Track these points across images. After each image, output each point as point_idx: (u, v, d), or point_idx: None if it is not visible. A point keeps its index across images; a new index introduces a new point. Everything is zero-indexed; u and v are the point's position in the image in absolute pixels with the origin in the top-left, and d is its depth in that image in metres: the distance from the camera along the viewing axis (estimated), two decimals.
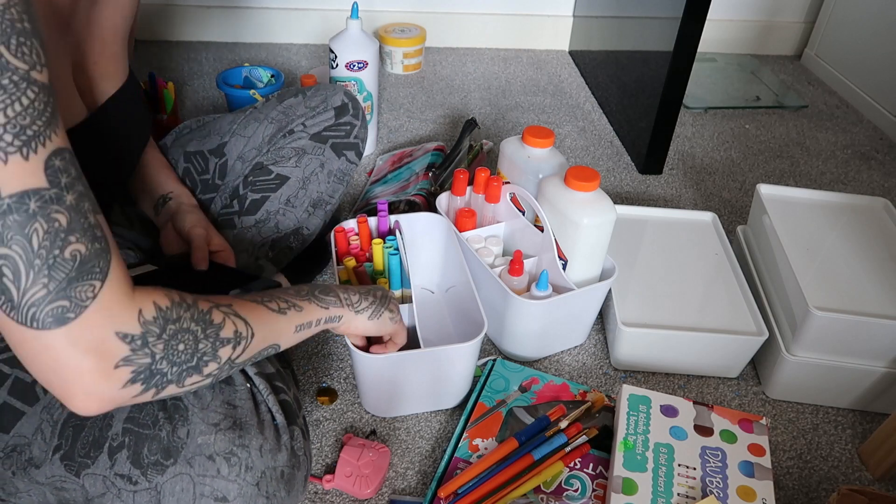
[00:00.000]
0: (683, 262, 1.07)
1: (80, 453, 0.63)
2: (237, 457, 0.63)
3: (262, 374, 0.70)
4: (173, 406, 0.64)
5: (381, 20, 1.85)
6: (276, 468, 0.65)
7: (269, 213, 0.91)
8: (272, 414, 0.69)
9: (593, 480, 0.80)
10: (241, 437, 0.64)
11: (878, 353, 0.90)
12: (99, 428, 0.64)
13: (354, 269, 0.90)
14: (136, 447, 0.63)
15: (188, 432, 0.63)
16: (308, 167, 0.92)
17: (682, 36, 1.25)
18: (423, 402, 0.89)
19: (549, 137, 1.03)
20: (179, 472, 0.62)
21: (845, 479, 0.87)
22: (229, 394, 0.67)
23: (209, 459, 0.62)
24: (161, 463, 0.62)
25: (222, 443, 0.63)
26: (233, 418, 0.65)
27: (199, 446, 0.63)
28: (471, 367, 0.87)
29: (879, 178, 1.49)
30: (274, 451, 0.66)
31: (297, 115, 0.93)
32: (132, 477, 0.62)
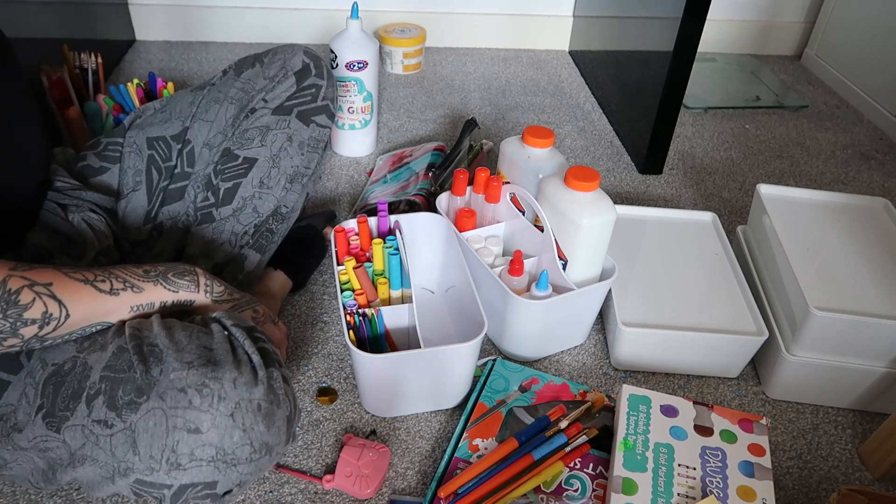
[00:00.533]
0: (683, 262, 1.07)
1: (60, 407, 0.63)
2: (209, 388, 0.62)
3: (238, 325, 0.69)
4: (149, 350, 0.64)
5: (381, 20, 1.85)
6: (251, 400, 0.63)
7: (244, 199, 0.89)
8: (249, 356, 0.67)
9: (593, 480, 0.80)
10: (213, 370, 0.63)
11: (878, 353, 0.90)
12: (78, 380, 0.64)
13: (354, 269, 0.90)
14: (112, 391, 0.63)
15: (161, 371, 0.62)
16: (275, 143, 0.89)
17: (682, 36, 1.25)
18: (422, 402, 0.89)
19: (549, 137, 1.03)
20: (152, 408, 0.61)
21: (845, 479, 0.87)
22: (205, 339, 0.66)
23: (181, 392, 0.61)
24: (134, 402, 0.62)
25: (194, 376, 0.62)
26: (206, 357, 0.64)
27: (170, 381, 0.62)
28: (471, 367, 0.87)
29: (879, 178, 1.49)
30: (249, 385, 0.64)
31: (256, 89, 0.90)
32: (108, 421, 0.62)
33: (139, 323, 0.68)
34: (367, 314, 0.88)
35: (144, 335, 0.66)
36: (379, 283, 0.91)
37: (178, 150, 0.89)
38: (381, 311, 0.89)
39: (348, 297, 0.90)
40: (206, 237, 0.89)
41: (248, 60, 0.92)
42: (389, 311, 0.90)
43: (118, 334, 0.67)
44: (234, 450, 0.62)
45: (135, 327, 0.67)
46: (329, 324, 1.03)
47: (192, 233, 0.90)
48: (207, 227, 0.89)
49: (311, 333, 1.01)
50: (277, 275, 1.02)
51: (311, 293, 1.08)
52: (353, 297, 0.90)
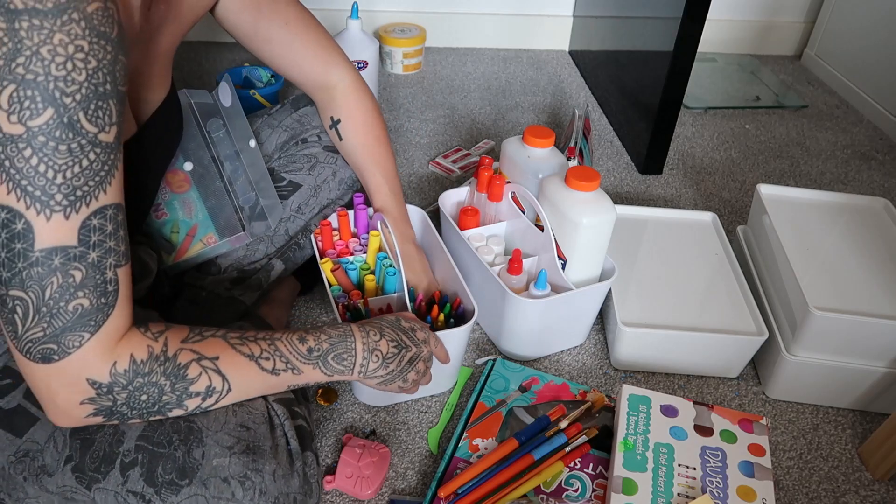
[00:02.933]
0: (683, 262, 1.07)
1: (91, 467, 0.62)
2: (251, 481, 0.63)
3: (281, 400, 0.70)
4: (187, 428, 0.64)
5: (381, 20, 1.85)
6: (288, 494, 0.65)
7: (279, 220, 0.91)
8: (287, 438, 0.68)
9: (593, 480, 0.80)
10: (254, 461, 0.64)
11: (878, 353, 0.90)
12: (109, 443, 0.63)
13: (332, 271, 0.91)
14: (150, 465, 0.62)
15: (203, 454, 0.63)
16: (320, 175, 0.93)
17: (682, 36, 1.25)
18: None
19: (550, 137, 1.03)
20: (194, 493, 0.62)
21: (845, 479, 0.87)
22: (243, 416, 0.67)
23: (224, 482, 0.62)
24: (176, 483, 0.62)
25: (237, 466, 0.63)
26: (247, 441, 0.65)
27: (214, 468, 0.62)
28: (461, 353, 0.88)
29: (879, 178, 1.49)
30: (287, 477, 0.65)
31: (312, 125, 0.93)
32: (145, 495, 0.62)
33: None
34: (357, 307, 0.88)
35: None
36: (366, 280, 0.91)
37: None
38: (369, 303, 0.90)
39: (337, 291, 0.90)
40: (237, 253, 0.90)
41: (306, 99, 0.95)
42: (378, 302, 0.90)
43: None
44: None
45: None
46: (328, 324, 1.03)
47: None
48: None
49: None
50: (286, 279, 1.02)
51: (311, 293, 1.08)
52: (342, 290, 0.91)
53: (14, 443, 0.64)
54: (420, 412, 0.91)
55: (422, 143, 1.49)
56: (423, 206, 1.27)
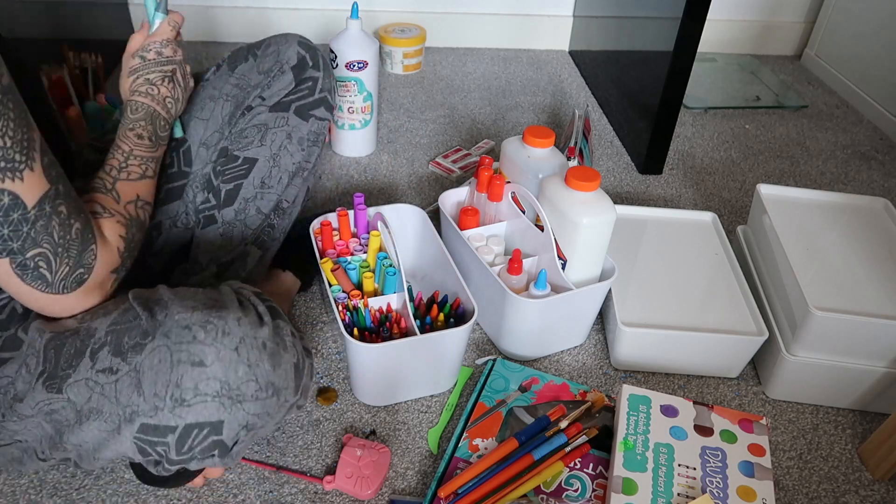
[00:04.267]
0: (683, 262, 1.07)
1: (63, 367, 0.63)
2: (213, 324, 0.61)
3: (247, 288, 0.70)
4: (154, 302, 0.65)
5: (381, 20, 1.85)
6: (256, 337, 0.63)
7: (245, 200, 0.88)
8: (255, 307, 0.67)
9: (593, 480, 0.80)
10: (218, 311, 0.63)
11: (878, 353, 0.90)
12: (81, 339, 0.64)
13: (332, 270, 0.91)
14: (118, 340, 0.63)
15: (167, 315, 0.63)
16: (274, 142, 0.88)
17: (682, 36, 1.25)
18: (416, 388, 0.90)
19: (550, 137, 1.03)
20: (157, 346, 0.61)
21: (845, 479, 0.87)
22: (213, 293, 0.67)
23: (185, 329, 0.61)
24: (140, 343, 0.62)
25: (199, 315, 0.62)
26: (212, 301, 0.65)
27: (175, 321, 0.62)
28: (461, 352, 0.88)
29: (879, 178, 1.49)
30: (254, 325, 0.63)
31: (251, 85, 0.88)
32: (113, 367, 0.62)
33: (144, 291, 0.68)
34: (357, 307, 0.88)
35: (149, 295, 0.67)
36: (365, 278, 0.91)
37: (173, 149, 0.88)
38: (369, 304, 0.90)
39: (337, 291, 0.90)
40: (214, 242, 0.88)
41: (241, 53, 0.90)
42: (377, 301, 0.91)
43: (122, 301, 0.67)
44: (238, 385, 0.61)
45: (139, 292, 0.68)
46: (328, 324, 1.03)
47: (199, 237, 0.89)
48: (214, 231, 0.89)
49: (311, 334, 1.01)
50: (286, 276, 1.02)
51: (311, 293, 1.08)
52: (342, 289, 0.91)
53: None
54: (420, 412, 0.91)
55: (422, 143, 1.49)
56: (423, 206, 1.27)
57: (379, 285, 0.93)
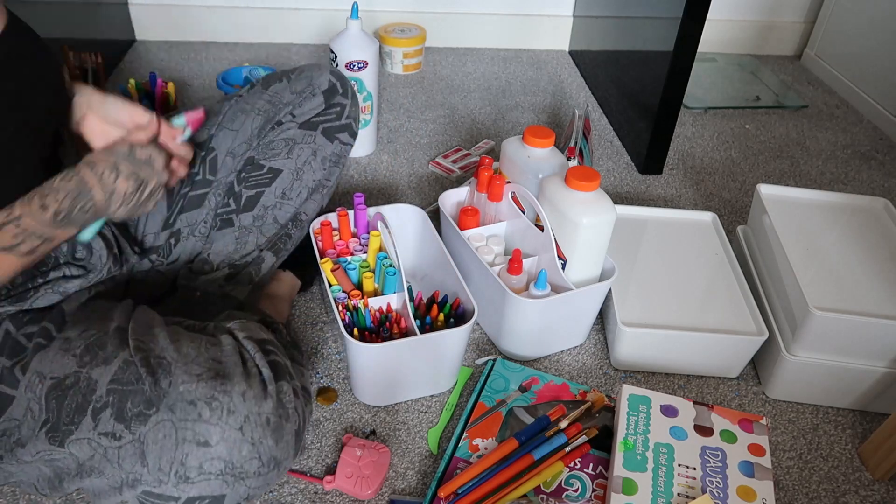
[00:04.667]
0: (683, 262, 1.07)
1: (65, 421, 0.63)
2: (218, 401, 0.62)
3: (250, 338, 0.70)
4: (157, 362, 0.64)
5: (381, 20, 1.85)
6: (260, 414, 0.63)
7: (265, 208, 0.90)
8: (259, 369, 0.67)
9: (593, 480, 0.80)
10: (223, 383, 0.63)
11: (878, 353, 0.90)
12: (82, 394, 0.64)
13: (332, 270, 0.91)
14: (120, 403, 0.62)
15: (170, 383, 0.63)
16: (300, 157, 0.91)
17: (682, 36, 1.25)
18: (416, 388, 0.90)
19: (550, 137, 1.03)
20: (161, 420, 0.61)
21: (845, 479, 0.87)
22: (215, 352, 0.67)
23: (190, 404, 0.62)
24: (144, 413, 0.62)
25: (204, 389, 0.62)
26: (216, 370, 0.64)
27: (180, 393, 0.62)
28: (461, 352, 0.88)
29: (879, 178, 1.49)
30: (259, 399, 0.64)
31: (283, 103, 0.91)
32: (116, 433, 0.62)
33: (144, 335, 0.68)
34: (357, 307, 0.88)
35: (150, 347, 0.66)
36: (365, 278, 0.92)
37: (201, 157, 0.90)
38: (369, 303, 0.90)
39: (337, 291, 0.90)
40: (228, 245, 0.90)
41: (276, 76, 0.94)
42: (377, 301, 0.91)
43: (121, 348, 0.66)
44: (242, 464, 0.62)
45: (139, 339, 0.67)
46: (328, 324, 1.03)
47: (212, 240, 0.90)
48: (230, 234, 0.90)
49: (311, 334, 1.01)
50: (286, 275, 1.02)
51: (311, 293, 1.08)
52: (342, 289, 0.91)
53: None
54: (420, 412, 0.91)
55: (422, 143, 1.49)
56: (423, 206, 1.27)
57: (379, 285, 0.93)
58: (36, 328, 0.69)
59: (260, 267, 0.92)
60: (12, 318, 0.69)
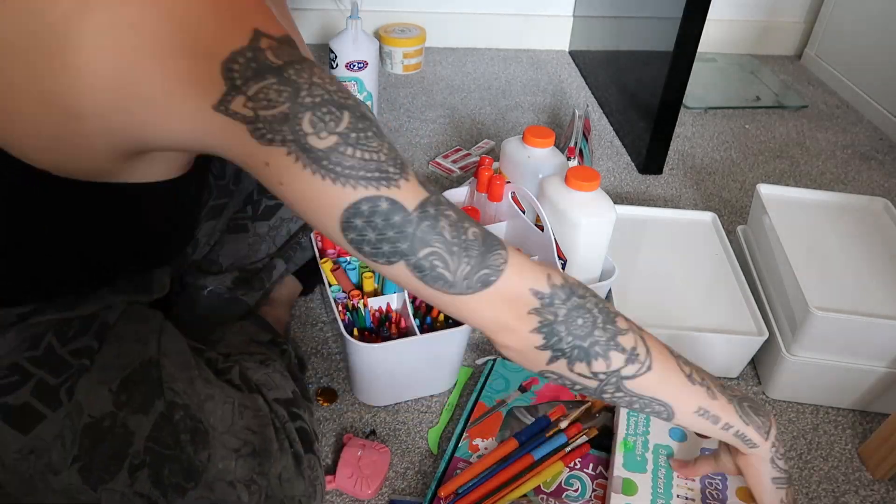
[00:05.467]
0: (683, 262, 1.07)
1: (99, 466, 0.62)
2: (257, 484, 0.63)
3: (279, 399, 0.71)
4: (194, 428, 0.64)
5: (381, 20, 1.85)
6: (293, 497, 0.65)
7: (282, 219, 0.91)
8: (290, 441, 0.69)
9: (593, 480, 0.80)
10: (260, 464, 0.64)
11: (878, 353, 0.90)
12: (119, 443, 0.63)
13: (332, 271, 0.91)
14: (157, 467, 0.62)
15: (209, 456, 0.63)
16: None
17: (682, 36, 1.25)
18: (416, 388, 0.91)
19: (550, 137, 1.03)
20: (200, 496, 0.62)
21: (845, 479, 0.87)
22: (249, 419, 0.67)
23: (230, 486, 0.62)
24: (182, 486, 0.62)
25: (242, 469, 0.63)
26: (253, 444, 0.65)
27: (219, 471, 0.63)
28: (461, 352, 0.89)
29: (879, 178, 1.49)
30: (293, 480, 0.66)
31: None
32: (152, 497, 0.62)
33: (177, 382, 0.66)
34: (357, 307, 0.88)
35: (186, 404, 0.65)
36: (365, 278, 0.92)
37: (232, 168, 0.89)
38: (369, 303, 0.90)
39: (337, 291, 0.90)
40: (240, 250, 0.89)
41: None
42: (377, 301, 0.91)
43: (157, 393, 0.65)
44: None
45: (173, 391, 0.65)
46: (328, 324, 1.03)
47: (223, 242, 0.89)
48: (243, 240, 0.89)
49: (311, 334, 1.01)
50: (287, 279, 1.02)
51: (311, 293, 1.08)
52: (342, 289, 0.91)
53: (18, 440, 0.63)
54: (420, 412, 0.91)
55: (422, 143, 1.49)
56: None
57: (379, 285, 0.93)
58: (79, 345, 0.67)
59: (271, 273, 0.92)
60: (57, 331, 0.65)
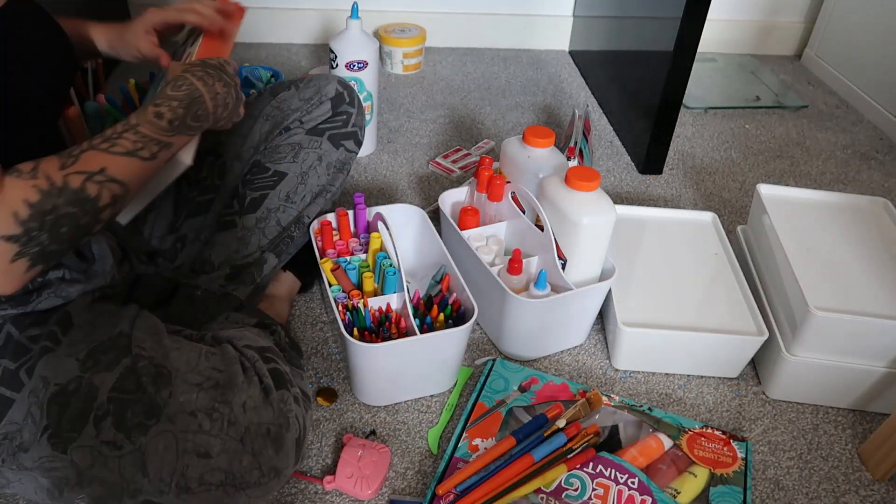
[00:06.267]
0: (683, 262, 1.07)
1: (66, 427, 0.63)
2: (219, 412, 0.62)
3: (250, 346, 0.70)
4: (157, 373, 0.64)
5: (381, 20, 1.85)
6: (261, 424, 0.64)
7: (268, 210, 0.91)
8: (259, 377, 0.68)
9: (593, 480, 0.80)
10: (223, 394, 0.63)
11: (878, 353, 0.90)
12: (83, 400, 0.63)
13: (332, 270, 0.91)
14: (121, 412, 0.63)
15: (171, 393, 0.63)
16: (305, 161, 0.92)
17: (682, 36, 1.25)
18: (416, 388, 0.91)
19: (550, 137, 1.03)
20: (162, 430, 0.62)
21: (845, 479, 0.87)
22: (215, 361, 0.67)
23: (191, 415, 0.62)
24: (144, 423, 0.62)
25: (204, 400, 0.63)
26: (216, 379, 0.65)
27: (180, 404, 0.62)
28: (461, 352, 0.89)
29: (879, 178, 1.49)
30: (259, 408, 0.64)
31: (291, 109, 0.92)
32: (116, 441, 0.62)
33: (145, 342, 0.67)
34: (357, 307, 0.88)
35: (151, 356, 0.66)
36: (365, 278, 0.92)
37: (209, 162, 0.90)
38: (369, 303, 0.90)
39: (337, 291, 0.90)
40: (230, 246, 0.90)
41: (283, 85, 0.95)
42: (377, 301, 0.91)
43: (124, 354, 0.66)
44: (242, 474, 0.63)
45: (140, 347, 0.66)
46: (328, 324, 1.03)
47: (214, 241, 0.90)
48: (231, 235, 0.90)
49: (311, 334, 1.01)
50: (286, 276, 1.02)
51: (311, 293, 1.08)
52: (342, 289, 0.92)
53: None
54: (420, 412, 0.91)
55: (422, 143, 1.49)
56: (423, 206, 1.27)
57: (379, 285, 0.93)
58: (40, 331, 0.69)
59: (262, 268, 0.93)
60: (14, 321, 0.68)
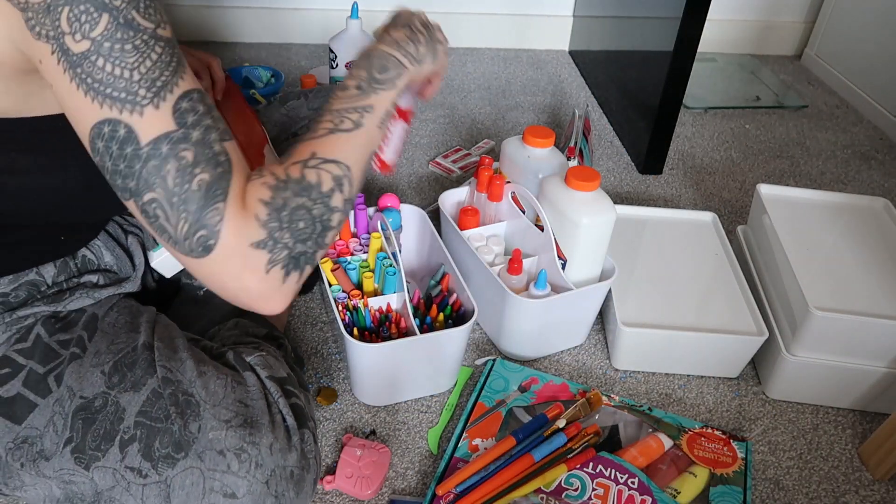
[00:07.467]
0: (683, 262, 1.07)
1: (91, 446, 0.63)
2: (247, 453, 0.63)
3: (273, 377, 0.71)
4: (185, 402, 0.65)
5: (381, 20, 1.84)
6: (285, 468, 0.65)
7: None
8: (283, 415, 0.69)
9: (593, 479, 0.80)
10: (251, 434, 0.64)
11: (878, 353, 0.90)
12: (110, 421, 0.64)
13: (332, 270, 0.91)
14: (148, 440, 0.63)
15: (199, 427, 0.63)
16: None
17: (682, 36, 1.25)
18: (416, 388, 0.91)
19: (550, 137, 1.03)
20: (189, 466, 0.62)
21: (845, 478, 0.87)
22: (241, 393, 0.68)
23: (220, 454, 0.62)
24: (172, 456, 0.62)
25: (233, 439, 0.63)
26: (244, 416, 0.65)
27: (210, 441, 0.63)
28: (461, 352, 0.88)
29: (879, 178, 1.49)
30: (284, 451, 0.66)
31: (300, 116, 0.93)
32: (142, 470, 0.62)
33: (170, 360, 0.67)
34: (357, 307, 0.88)
35: (178, 380, 0.66)
36: (365, 278, 0.92)
37: None
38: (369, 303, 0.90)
39: (337, 291, 0.90)
40: None
41: (294, 94, 0.96)
42: (377, 301, 0.91)
43: (149, 372, 0.66)
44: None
45: (167, 368, 0.67)
46: (328, 324, 1.03)
47: None
48: None
49: (311, 334, 1.01)
50: None
51: (311, 293, 1.08)
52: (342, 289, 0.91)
53: (13, 430, 0.64)
54: (420, 412, 0.91)
55: (422, 143, 1.49)
56: (423, 206, 1.27)
57: (379, 285, 0.93)
58: (69, 336, 0.69)
59: None
60: (44, 323, 0.68)
